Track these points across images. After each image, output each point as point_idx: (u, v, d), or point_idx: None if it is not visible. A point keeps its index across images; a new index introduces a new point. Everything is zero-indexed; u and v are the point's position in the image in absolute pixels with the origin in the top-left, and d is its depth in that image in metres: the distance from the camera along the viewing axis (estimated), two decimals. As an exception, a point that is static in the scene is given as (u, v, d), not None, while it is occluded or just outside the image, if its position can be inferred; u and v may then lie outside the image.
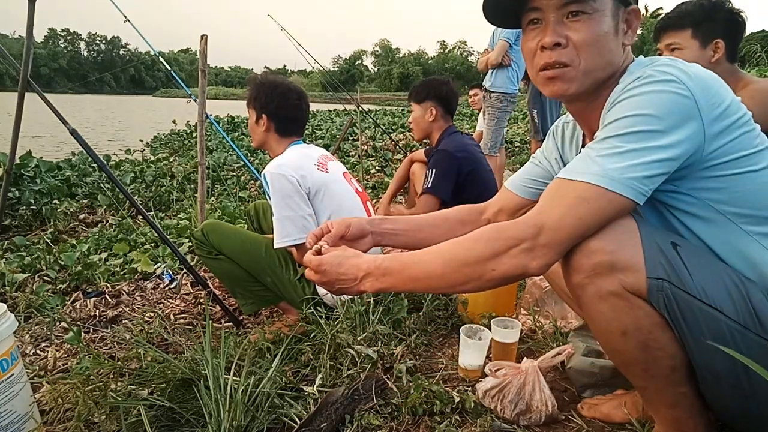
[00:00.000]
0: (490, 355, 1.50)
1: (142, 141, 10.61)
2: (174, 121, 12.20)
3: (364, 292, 0.98)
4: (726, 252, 0.88)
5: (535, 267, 0.85)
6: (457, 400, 1.26)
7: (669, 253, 0.84)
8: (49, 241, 3.66)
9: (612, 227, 0.84)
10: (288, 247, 1.74)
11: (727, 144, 0.84)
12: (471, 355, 1.45)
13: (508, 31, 3.76)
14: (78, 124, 2.16)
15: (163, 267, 2.67)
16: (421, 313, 1.80)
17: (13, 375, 1.15)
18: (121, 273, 2.72)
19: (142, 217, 2.38)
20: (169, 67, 4.70)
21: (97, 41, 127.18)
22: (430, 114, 2.56)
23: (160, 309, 2.25)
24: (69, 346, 1.84)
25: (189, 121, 12.11)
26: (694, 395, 0.91)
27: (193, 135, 10.66)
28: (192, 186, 5.63)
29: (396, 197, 3.33)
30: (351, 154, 7.89)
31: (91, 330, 2.03)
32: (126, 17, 4.35)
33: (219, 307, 2.04)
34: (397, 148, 7.43)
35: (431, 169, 2.47)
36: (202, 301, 2.24)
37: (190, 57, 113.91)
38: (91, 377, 1.29)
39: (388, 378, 1.36)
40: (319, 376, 1.38)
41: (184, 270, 2.21)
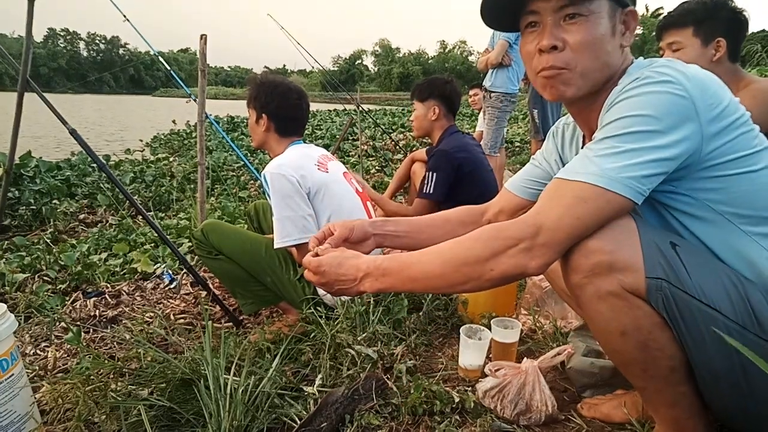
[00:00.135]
0: (490, 355, 1.50)
1: (141, 141, 10.61)
2: (174, 121, 12.21)
3: (363, 292, 0.98)
4: (724, 252, 0.89)
5: (534, 267, 0.85)
6: (457, 400, 1.26)
7: (668, 253, 0.84)
8: (48, 241, 3.66)
9: (611, 227, 0.84)
10: (288, 247, 1.74)
11: (725, 144, 0.84)
12: (471, 355, 1.45)
13: (508, 31, 3.75)
14: (77, 124, 2.15)
15: (163, 267, 2.67)
16: (421, 313, 1.80)
17: (13, 375, 1.15)
18: (121, 273, 2.73)
19: (141, 217, 2.38)
20: (168, 67, 4.70)
21: (97, 41, 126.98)
22: (432, 113, 2.56)
23: (160, 309, 2.25)
24: (69, 346, 1.84)
25: (189, 121, 12.12)
26: (693, 395, 0.91)
27: (193, 135, 10.65)
28: (192, 186, 5.63)
29: (396, 196, 3.33)
30: (351, 153, 7.89)
31: (91, 330, 2.03)
32: (125, 17, 4.35)
33: (219, 307, 2.04)
34: (397, 148, 7.44)
35: (431, 172, 2.46)
36: (202, 300, 2.24)
37: (190, 57, 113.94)
38: (91, 377, 1.29)
39: (388, 378, 1.36)
40: (319, 376, 1.38)
41: (184, 270, 2.21)
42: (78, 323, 2.08)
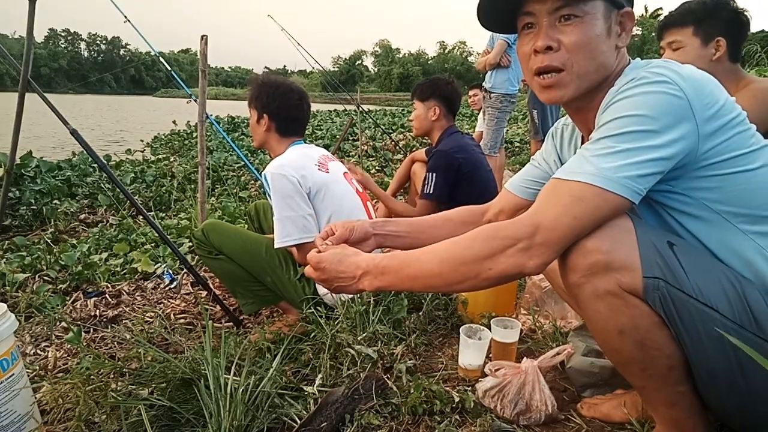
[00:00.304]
0: (490, 355, 1.50)
1: (142, 141, 10.63)
2: (174, 122, 12.21)
3: (362, 290, 0.99)
4: (722, 251, 0.89)
5: (532, 266, 0.85)
6: (457, 399, 1.26)
7: (665, 253, 0.84)
8: (49, 241, 3.67)
9: (608, 226, 0.85)
10: (288, 247, 1.75)
11: (721, 144, 0.84)
12: (471, 355, 1.45)
13: (507, 30, 3.76)
14: (78, 125, 2.16)
15: (163, 267, 2.67)
16: (421, 313, 1.81)
17: (13, 375, 1.15)
18: (122, 273, 2.73)
19: (142, 217, 2.38)
20: (169, 68, 4.71)
21: (98, 41, 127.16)
22: (433, 113, 2.56)
23: (161, 309, 2.26)
24: (69, 346, 1.84)
25: (189, 122, 12.13)
26: (692, 394, 0.91)
27: (194, 135, 10.67)
28: (192, 186, 5.63)
29: (396, 197, 3.33)
30: (351, 154, 7.89)
31: (91, 330, 2.03)
32: (126, 17, 4.36)
33: (219, 306, 2.05)
34: (397, 148, 7.44)
35: (431, 172, 2.47)
36: (202, 300, 2.24)
37: (191, 57, 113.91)
38: (92, 377, 1.29)
39: (388, 378, 1.37)
40: (319, 376, 1.39)
41: (185, 270, 2.22)
42: (78, 323, 2.08)
